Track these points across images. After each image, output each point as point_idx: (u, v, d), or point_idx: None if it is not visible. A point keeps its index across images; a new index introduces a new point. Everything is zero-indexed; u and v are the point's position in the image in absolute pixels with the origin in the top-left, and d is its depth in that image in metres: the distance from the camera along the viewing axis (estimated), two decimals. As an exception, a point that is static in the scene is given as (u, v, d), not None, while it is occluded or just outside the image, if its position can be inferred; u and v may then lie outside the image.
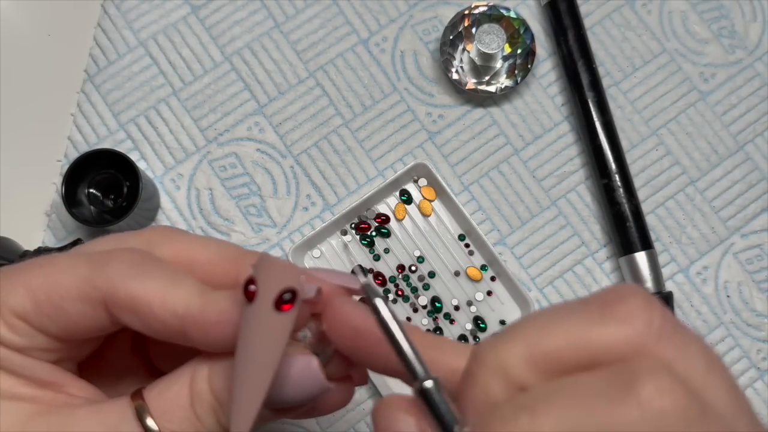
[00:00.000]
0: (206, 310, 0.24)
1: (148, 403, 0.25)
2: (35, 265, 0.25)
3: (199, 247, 0.27)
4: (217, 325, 0.24)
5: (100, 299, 0.24)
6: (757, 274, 0.47)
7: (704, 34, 0.50)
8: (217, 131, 0.48)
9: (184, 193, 0.47)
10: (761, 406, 0.45)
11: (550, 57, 0.49)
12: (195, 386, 0.25)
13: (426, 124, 0.48)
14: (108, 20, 0.49)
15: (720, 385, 0.19)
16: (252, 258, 0.27)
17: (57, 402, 0.25)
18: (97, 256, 0.25)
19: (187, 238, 0.28)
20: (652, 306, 0.19)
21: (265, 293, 0.23)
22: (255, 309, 0.23)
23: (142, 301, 0.24)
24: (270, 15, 0.49)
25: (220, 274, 0.27)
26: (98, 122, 0.48)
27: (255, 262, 0.24)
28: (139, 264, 0.25)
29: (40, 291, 0.24)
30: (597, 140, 0.47)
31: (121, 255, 0.25)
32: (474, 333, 0.46)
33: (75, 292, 0.24)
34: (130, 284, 0.24)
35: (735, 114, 0.49)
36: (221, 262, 0.27)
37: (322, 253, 0.46)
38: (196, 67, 0.48)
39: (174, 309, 0.24)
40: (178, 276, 0.25)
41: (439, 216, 0.47)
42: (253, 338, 0.23)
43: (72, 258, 0.25)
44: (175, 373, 0.26)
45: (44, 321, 0.24)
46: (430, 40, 0.49)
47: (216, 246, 0.28)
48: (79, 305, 0.25)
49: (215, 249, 0.27)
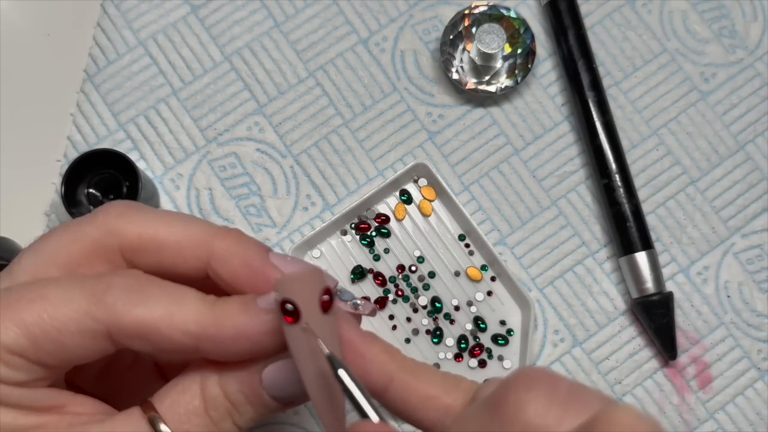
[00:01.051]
0: (222, 326, 0.24)
1: (161, 414, 0.25)
2: (25, 299, 0.24)
3: (163, 228, 0.26)
4: (235, 340, 0.24)
5: (102, 331, 0.24)
6: (757, 275, 0.47)
7: (705, 33, 0.50)
8: (217, 131, 0.48)
9: (183, 193, 0.47)
10: (761, 407, 0.45)
11: (551, 57, 0.49)
12: (207, 392, 0.25)
13: (426, 124, 0.48)
14: (107, 20, 0.49)
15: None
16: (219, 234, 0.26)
17: (63, 424, 0.24)
18: (91, 285, 0.24)
19: (148, 218, 0.26)
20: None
21: (307, 307, 0.23)
22: (303, 324, 0.23)
23: (150, 327, 0.24)
24: (270, 15, 0.49)
25: (190, 258, 0.26)
26: (98, 122, 0.48)
27: (277, 282, 0.24)
28: (137, 288, 0.24)
29: (36, 327, 0.23)
30: (597, 140, 0.47)
31: (117, 281, 0.24)
32: (474, 333, 0.46)
33: (74, 326, 0.24)
34: (134, 312, 0.24)
35: (735, 114, 0.49)
36: (190, 244, 0.26)
37: (322, 253, 0.46)
38: (196, 66, 0.48)
39: (185, 328, 0.24)
40: (179, 292, 0.25)
41: (439, 216, 0.47)
42: (310, 349, 0.23)
43: (65, 289, 0.24)
44: (184, 381, 0.26)
45: (42, 355, 0.24)
46: (430, 40, 0.49)
47: (181, 225, 0.26)
48: (79, 338, 0.24)
49: (181, 229, 0.26)
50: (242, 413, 0.25)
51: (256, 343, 0.24)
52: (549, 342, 0.46)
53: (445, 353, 0.45)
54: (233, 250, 0.26)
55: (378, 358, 0.25)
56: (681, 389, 0.45)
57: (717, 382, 0.46)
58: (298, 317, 0.23)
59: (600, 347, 0.46)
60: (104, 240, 0.26)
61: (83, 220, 0.26)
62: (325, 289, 0.24)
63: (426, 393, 0.25)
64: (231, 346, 0.24)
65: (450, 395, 0.25)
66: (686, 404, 0.45)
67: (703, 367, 0.46)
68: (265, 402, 0.25)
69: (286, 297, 0.23)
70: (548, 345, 0.46)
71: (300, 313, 0.23)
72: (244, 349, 0.24)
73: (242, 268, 0.26)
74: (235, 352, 0.25)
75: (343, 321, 0.25)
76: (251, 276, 0.26)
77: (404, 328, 0.46)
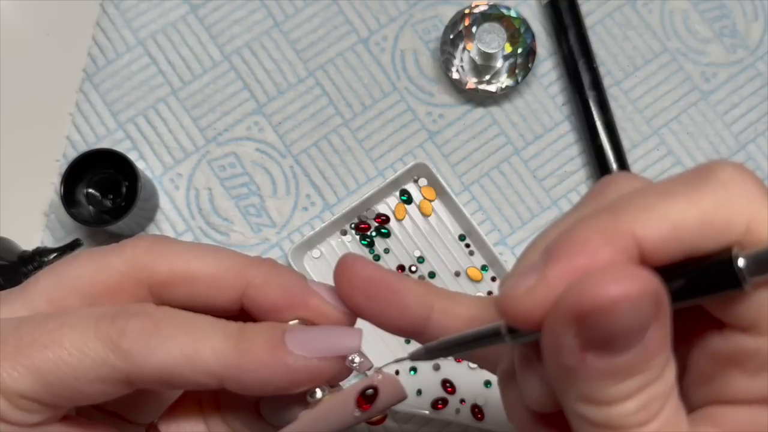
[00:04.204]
0: (245, 364, 0.23)
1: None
2: (38, 344, 0.23)
3: (194, 260, 0.25)
4: (259, 384, 0.23)
5: (122, 379, 0.23)
6: (758, 275, 0.47)
7: (705, 33, 0.50)
8: (217, 131, 0.48)
9: (183, 193, 0.47)
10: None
11: (551, 56, 0.49)
12: (209, 420, 0.25)
13: (426, 123, 0.48)
14: (107, 19, 0.49)
15: None
16: (254, 263, 0.26)
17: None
18: (106, 329, 0.23)
19: (177, 251, 0.26)
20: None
21: (376, 407, 0.23)
22: (345, 406, 0.23)
23: (171, 371, 0.23)
24: (269, 14, 0.49)
25: (225, 289, 0.25)
26: (97, 122, 0.47)
27: (373, 372, 0.24)
28: (153, 331, 0.23)
29: (52, 375, 0.22)
30: (598, 140, 0.46)
31: (131, 325, 0.23)
32: (474, 333, 0.45)
33: (93, 375, 0.23)
34: (152, 359, 0.23)
35: (736, 113, 0.49)
36: (224, 275, 0.25)
37: (322, 253, 0.46)
38: (195, 66, 0.48)
39: (207, 369, 0.23)
40: (199, 327, 0.24)
41: (440, 216, 0.47)
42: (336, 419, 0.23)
43: (80, 334, 0.23)
44: (186, 405, 0.25)
45: (58, 400, 0.23)
46: (430, 40, 0.49)
47: (212, 256, 0.26)
48: (99, 385, 0.23)
49: (213, 260, 0.26)
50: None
51: (280, 387, 0.24)
52: (549, 342, 0.46)
53: (446, 354, 0.45)
54: (270, 279, 0.25)
55: (413, 290, 0.25)
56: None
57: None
58: (370, 407, 0.23)
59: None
60: (132, 274, 0.25)
61: (110, 251, 0.26)
62: (368, 386, 0.23)
63: (467, 315, 0.25)
64: (255, 388, 0.24)
65: (490, 313, 0.24)
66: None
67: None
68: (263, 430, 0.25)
69: (374, 383, 0.23)
70: (549, 345, 0.46)
71: (372, 406, 0.23)
72: (268, 390, 0.24)
73: (282, 296, 0.25)
74: (259, 392, 0.24)
75: (373, 265, 0.25)
76: (291, 304, 0.25)
77: (404, 328, 0.46)
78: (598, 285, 0.17)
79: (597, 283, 0.17)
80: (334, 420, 0.23)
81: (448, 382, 0.45)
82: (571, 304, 0.18)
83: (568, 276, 0.18)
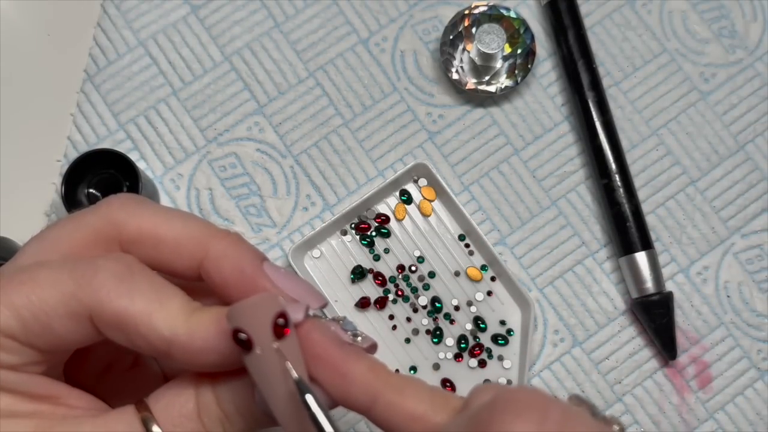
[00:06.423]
0: (192, 337, 0.24)
1: (155, 415, 0.24)
2: (15, 281, 0.24)
3: (162, 222, 0.26)
4: (202, 353, 0.24)
5: (86, 315, 0.24)
6: (757, 275, 0.47)
7: (704, 33, 0.50)
8: (217, 131, 0.48)
9: (183, 193, 0.47)
10: (761, 407, 0.45)
11: (550, 57, 0.49)
12: (201, 398, 0.25)
13: (426, 124, 0.48)
14: (108, 20, 0.49)
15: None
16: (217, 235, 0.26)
17: (58, 415, 0.25)
18: (81, 268, 0.24)
19: (149, 212, 0.26)
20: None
21: (259, 333, 0.23)
22: (257, 351, 0.23)
23: (129, 321, 0.24)
24: (270, 15, 0.49)
25: (186, 256, 0.26)
26: (98, 122, 0.48)
27: (228, 312, 0.23)
28: (125, 278, 0.24)
29: (25, 310, 0.24)
30: (597, 140, 0.47)
31: (106, 266, 0.24)
32: (474, 333, 0.46)
33: (62, 309, 0.24)
34: (117, 301, 0.24)
35: (735, 114, 0.49)
36: (188, 242, 0.26)
37: (322, 253, 0.46)
38: (196, 67, 0.48)
39: (160, 332, 0.24)
40: (166, 291, 0.25)
41: (439, 216, 0.47)
42: (272, 377, 0.23)
43: (54, 272, 0.24)
44: (179, 383, 0.25)
45: (32, 338, 0.24)
46: (430, 40, 0.49)
47: (181, 222, 0.26)
48: (67, 322, 0.24)
49: (180, 226, 0.26)
50: (233, 423, 0.25)
51: (227, 359, 0.24)
52: (549, 342, 0.46)
53: (445, 353, 0.45)
54: (227, 252, 0.26)
55: (360, 377, 0.24)
56: (681, 389, 0.45)
57: (717, 382, 0.46)
58: (251, 346, 0.23)
59: (600, 347, 0.46)
60: (105, 230, 0.26)
61: (87, 210, 0.27)
62: (278, 314, 0.23)
63: (413, 412, 0.24)
64: (198, 359, 0.24)
65: (438, 414, 0.24)
66: (686, 404, 0.45)
67: (703, 367, 0.46)
68: (257, 416, 0.25)
69: (237, 326, 0.23)
70: (548, 345, 0.46)
71: (252, 342, 0.23)
72: (212, 363, 0.24)
73: (232, 273, 0.26)
74: (203, 364, 0.24)
75: (324, 338, 0.24)
76: (241, 282, 0.25)
77: (404, 328, 0.46)
78: None
79: None
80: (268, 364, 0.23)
81: (448, 381, 0.45)
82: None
83: None
